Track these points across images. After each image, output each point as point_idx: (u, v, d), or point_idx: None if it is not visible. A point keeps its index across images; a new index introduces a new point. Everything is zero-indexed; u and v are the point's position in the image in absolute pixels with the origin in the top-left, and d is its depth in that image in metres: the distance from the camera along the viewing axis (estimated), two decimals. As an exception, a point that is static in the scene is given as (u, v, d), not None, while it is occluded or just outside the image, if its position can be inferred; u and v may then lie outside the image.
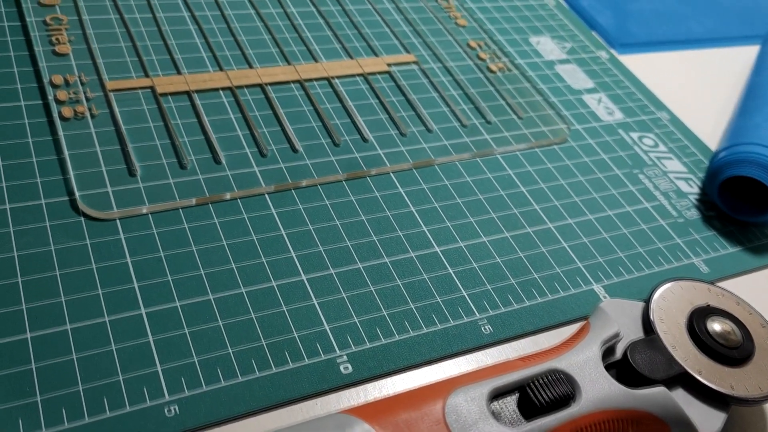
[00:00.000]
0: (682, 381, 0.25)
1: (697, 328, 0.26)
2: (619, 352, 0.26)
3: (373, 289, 0.28)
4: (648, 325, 0.27)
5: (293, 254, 0.28)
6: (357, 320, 0.26)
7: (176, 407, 0.23)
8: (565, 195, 0.34)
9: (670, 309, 0.27)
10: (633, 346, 0.25)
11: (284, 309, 0.26)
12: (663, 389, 0.24)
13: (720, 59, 0.48)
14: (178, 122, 0.32)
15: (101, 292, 0.25)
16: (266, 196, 0.30)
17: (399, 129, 0.35)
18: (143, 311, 0.25)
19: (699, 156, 0.39)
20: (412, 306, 0.27)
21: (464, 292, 0.28)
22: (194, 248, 0.27)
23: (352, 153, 0.33)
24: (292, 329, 0.26)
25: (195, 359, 0.24)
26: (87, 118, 0.31)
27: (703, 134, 0.41)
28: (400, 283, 0.28)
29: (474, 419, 0.22)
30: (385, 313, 0.27)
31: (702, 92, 0.45)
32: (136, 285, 0.26)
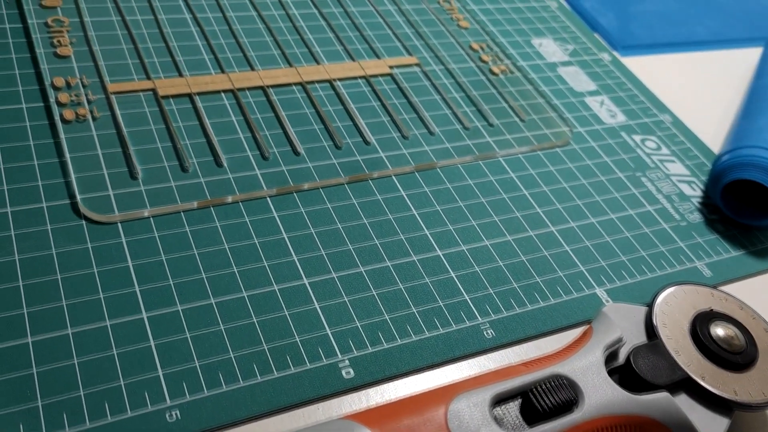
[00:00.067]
0: (686, 386, 0.25)
1: (701, 333, 0.26)
2: (622, 357, 0.26)
3: (375, 293, 0.28)
4: (651, 330, 0.26)
5: (295, 258, 0.28)
6: (359, 324, 0.26)
7: (177, 412, 0.23)
8: (568, 198, 0.34)
9: (673, 313, 0.27)
10: (636, 351, 0.25)
11: (286, 313, 0.26)
12: (666, 395, 0.24)
13: (723, 61, 0.48)
14: (180, 125, 0.32)
15: (102, 296, 0.25)
16: (268, 200, 0.30)
17: (401, 131, 0.35)
18: (144, 315, 0.25)
19: (702, 159, 0.39)
20: (414, 310, 0.27)
21: (466, 296, 0.28)
22: (196, 252, 0.27)
23: (354, 156, 0.33)
24: (294, 333, 0.26)
25: (196, 363, 0.24)
26: (88, 121, 0.31)
27: (706, 137, 0.41)
28: (402, 287, 0.28)
29: (477, 425, 0.22)
30: (387, 317, 0.27)
31: (705, 95, 0.44)
32: (138, 289, 0.25)
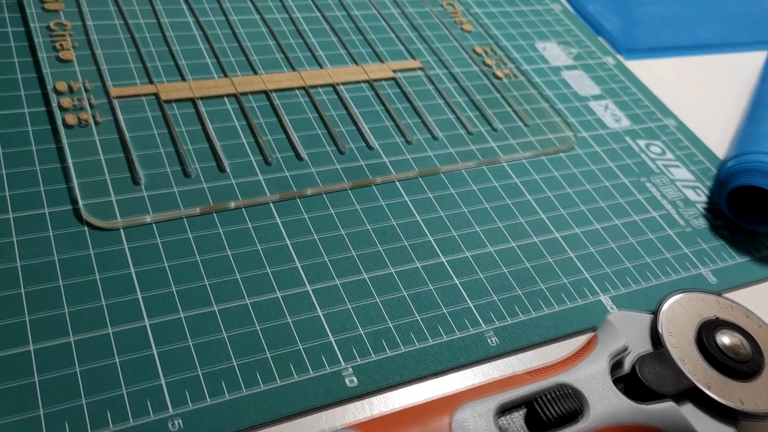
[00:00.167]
0: (691, 395, 0.25)
1: (706, 342, 0.26)
2: (627, 366, 0.25)
3: (379, 300, 0.27)
4: (656, 338, 0.26)
5: (298, 264, 0.28)
6: (362, 332, 0.26)
7: (180, 421, 0.22)
8: (572, 203, 0.34)
9: (679, 322, 0.27)
10: (641, 360, 0.25)
11: (289, 320, 0.26)
12: (672, 404, 0.24)
13: (727, 65, 0.48)
14: (183, 129, 0.31)
15: (104, 303, 0.25)
16: (271, 205, 0.30)
17: (404, 136, 0.34)
18: (147, 322, 0.25)
19: (706, 164, 0.39)
20: (418, 317, 0.27)
21: (470, 303, 0.28)
22: (198, 258, 0.27)
23: (358, 161, 0.32)
24: (297, 341, 0.25)
25: (199, 371, 0.24)
26: (91, 126, 0.30)
27: (711, 141, 0.40)
28: (406, 294, 0.28)
29: (481, 435, 0.22)
30: (391, 325, 0.27)
31: (709, 99, 0.44)
32: (140, 295, 0.25)
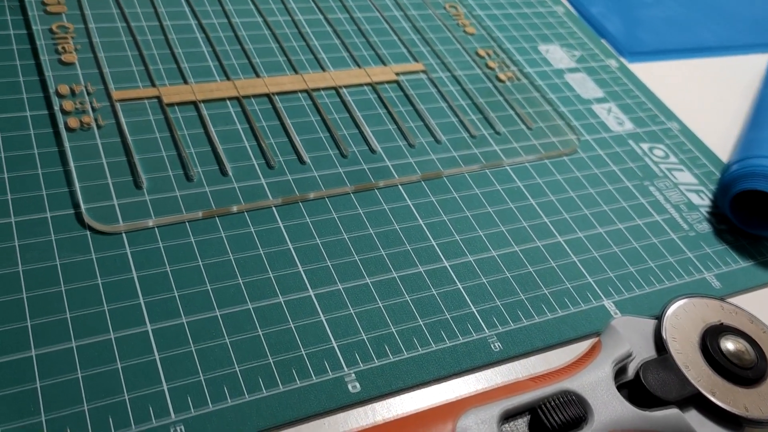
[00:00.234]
0: (695, 401, 0.25)
1: (710, 347, 0.26)
2: (631, 372, 0.25)
3: (381, 305, 0.27)
4: (660, 344, 0.26)
5: (300, 269, 0.28)
6: (365, 337, 0.26)
7: (182, 427, 0.22)
8: (575, 207, 0.34)
9: (683, 327, 0.27)
10: (645, 366, 0.25)
11: (291, 325, 0.26)
12: (676, 411, 0.24)
13: (730, 68, 0.48)
14: (185, 133, 0.31)
15: (107, 308, 0.25)
16: (273, 209, 0.30)
17: (407, 140, 0.34)
18: (149, 327, 0.25)
19: (710, 167, 0.38)
20: (421, 322, 0.27)
21: (473, 308, 0.28)
22: (201, 262, 0.27)
23: (360, 165, 0.32)
24: (300, 346, 0.25)
25: (201, 377, 0.24)
26: (93, 129, 0.30)
27: (714, 144, 0.40)
28: (409, 299, 0.28)
29: (484, 442, 0.22)
30: (394, 330, 0.27)
31: (712, 101, 0.44)
32: (142, 300, 0.25)
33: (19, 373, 0.22)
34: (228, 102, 0.34)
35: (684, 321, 0.27)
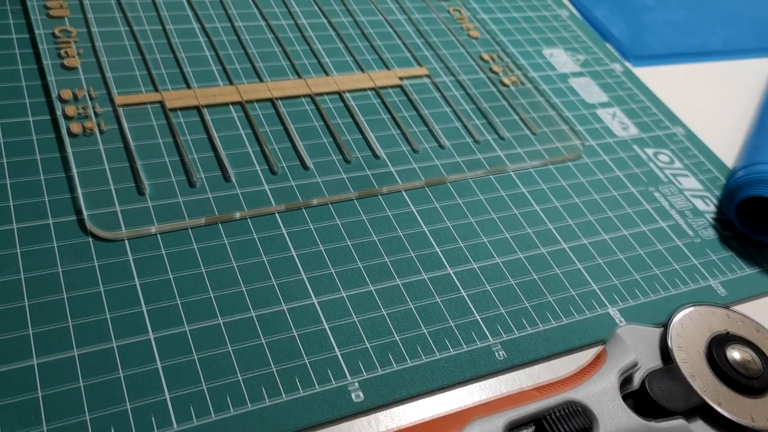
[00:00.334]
0: (702, 412, 0.25)
1: (717, 357, 0.26)
2: (637, 382, 0.25)
3: (385, 313, 0.27)
4: (666, 353, 0.26)
5: (304, 276, 0.28)
6: (369, 345, 0.26)
7: (185, 437, 0.22)
8: (580, 213, 0.33)
9: (689, 336, 0.26)
10: (651, 376, 0.25)
11: (295, 333, 0.26)
12: (682, 422, 0.24)
13: (735, 72, 0.48)
14: (188, 138, 0.31)
15: (109, 316, 0.25)
16: (276, 216, 0.29)
17: (411, 145, 0.34)
18: (151, 336, 0.24)
19: (715, 173, 0.38)
20: (425, 330, 0.27)
21: (477, 316, 0.28)
22: (203, 270, 0.27)
23: (364, 170, 0.32)
24: (303, 354, 0.25)
25: (204, 386, 0.23)
26: (96, 134, 0.30)
27: (719, 149, 0.40)
28: (412, 306, 0.28)
29: (489, 453, 0.21)
30: (397, 338, 0.26)
31: (717, 106, 0.44)
32: (145, 308, 0.25)
33: (21, 383, 0.22)
34: (231, 107, 0.33)
35: (690, 330, 0.27)
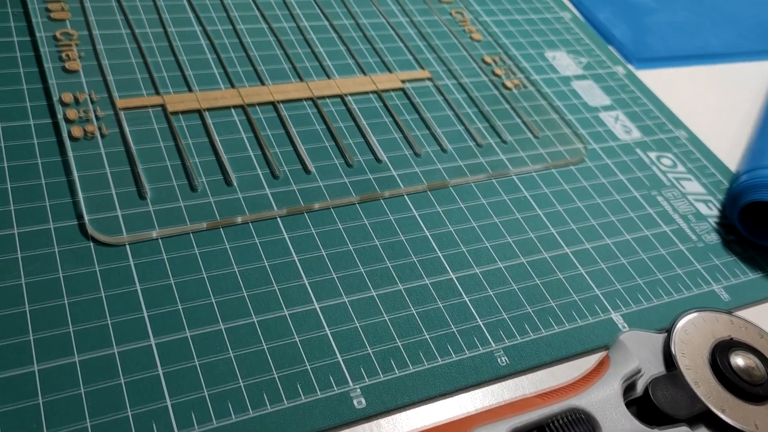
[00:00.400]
0: (705, 419, 0.24)
1: (720, 363, 0.26)
2: (640, 388, 0.25)
3: (387, 318, 0.27)
4: (669, 359, 0.26)
5: (305, 281, 0.27)
6: (371, 351, 0.26)
7: (186, 443, 0.22)
8: (582, 218, 0.33)
9: (692, 342, 0.26)
10: (654, 383, 0.25)
11: (296, 339, 0.26)
12: (686, 429, 0.23)
13: (737, 74, 0.47)
14: (189, 142, 0.31)
15: (110, 321, 0.24)
16: (278, 220, 0.29)
17: (413, 149, 0.34)
18: (153, 341, 0.24)
19: (718, 177, 0.38)
20: (427, 336, 0.27)
21: (480, 321, 0.28)
22: (205, 275, 0.27)
23: (366, 174, 0.32)
24: (305, 360, 0.25)
25: (205, 392, 0.23)
26: (97, 138, 0.30)
27: (722, 153, 0.40)
28: (414, 312, 0.27)
29: (492, 461, 0.21)
30: (399, 344, 0.26)
31: (720, 109, 0.44)
32: (146, 314, 0.25)
33: (21, 389, 0.22)
34: (233, 110, 0.33)
35: (693, 336, 0.27)
